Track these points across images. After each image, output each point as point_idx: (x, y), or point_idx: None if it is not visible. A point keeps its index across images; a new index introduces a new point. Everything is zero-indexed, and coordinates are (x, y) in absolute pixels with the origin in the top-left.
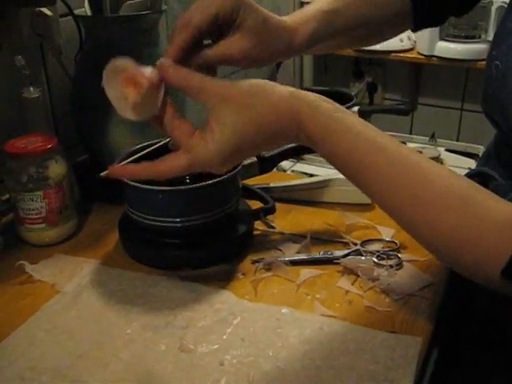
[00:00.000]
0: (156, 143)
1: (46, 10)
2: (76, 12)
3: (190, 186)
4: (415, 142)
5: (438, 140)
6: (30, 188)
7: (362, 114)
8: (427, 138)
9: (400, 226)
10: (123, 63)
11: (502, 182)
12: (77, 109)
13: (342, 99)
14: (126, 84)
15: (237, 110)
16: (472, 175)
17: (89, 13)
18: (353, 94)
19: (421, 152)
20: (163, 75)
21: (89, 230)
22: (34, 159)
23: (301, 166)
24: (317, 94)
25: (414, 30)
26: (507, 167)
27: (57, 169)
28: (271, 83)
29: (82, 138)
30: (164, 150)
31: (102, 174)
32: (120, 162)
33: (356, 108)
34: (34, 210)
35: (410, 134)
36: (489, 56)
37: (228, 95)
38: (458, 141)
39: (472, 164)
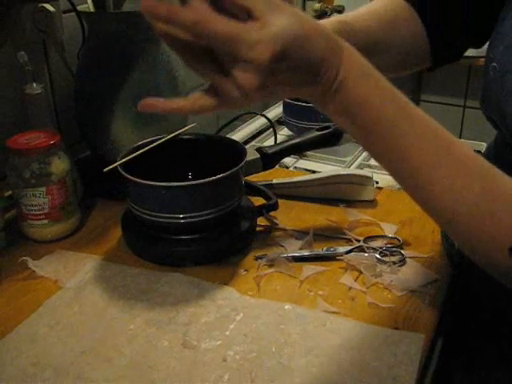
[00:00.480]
0: (159, 139)
1: (48, 6)
2: (79, 8)
3: (193, 182)
4: None
5: None
6: (32, 184)
7: None
8: None
9: (414, 190)
10: None
11: None
12: (79, 105)
13: None
14: None
15: (291, 14)
16: None
17: (92, 9)
18: None
19: None
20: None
21: (91, 226)
22: (37, 155)
23: (303, 163)
24: None
25: (432, 69)
26: (507, 167)
27: (60, 165)
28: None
29: (84, 134)
30: (167, 147)
31: (105, 170)
32: (122, 159)
33: None
34: (36, 206)
35: None
36: (486, 58)
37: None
38: (460, 138)
39: None
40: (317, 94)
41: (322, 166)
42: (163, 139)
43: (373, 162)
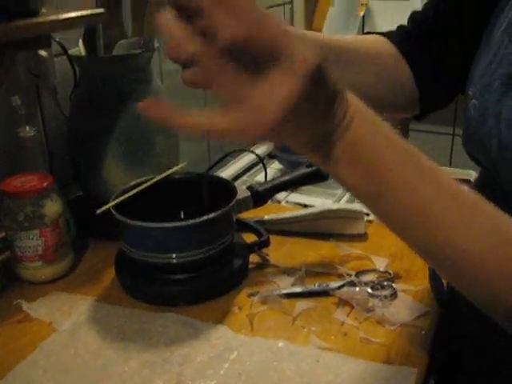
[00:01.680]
0: (151, 179)
1: (41, 51)
2: (70, 52)
3: (185, 223)
4: None
5: None
6: (26, 227)
7: None
8: None
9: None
10: None
11: None
12: (72, 146)
13: None
14: None
15: None
16: None
17: (83, 53)
18: None
19: None
20: None
21: (85, 267)
22: (31, 198)
23: (295, 196)
24: None
25: (420, 117)
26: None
27: (53, 207)
28: None
29: (77, 174)
30: (159, 186)
31: (98, 211)
32: (115, 200)
33: None
34: (30, 248)
35: None
36: (466, 96)
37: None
38: (450, 166)
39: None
40: (324, 134)
41: (313, 200)
42: (155, 179)
43: None
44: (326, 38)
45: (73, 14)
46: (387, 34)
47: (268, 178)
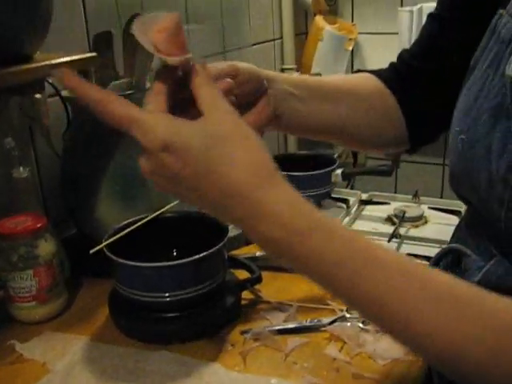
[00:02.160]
0: (144, 218)
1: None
2: (63, 93)
3: (177, 262)
4: (399, 201)
5: (422, 198)
6: (20, 267)
7: (346, 176)
8: (410, 197)
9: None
10: (156, 16)
11: (475, 258)
12: (65, 185)
13: (325, 162)
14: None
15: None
16: (446, 252)
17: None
18: (336, 154)
19: (405, 212)
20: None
21: (79, 306)
22: (24, 239)
23: None
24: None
25: (411, 152)
26: (479, 243)
27: (46, 247)
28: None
29: (71, 213)
30: (152, 225)
31: (91, 251)
32: (108, 240)
33: (339, 170)
34: (24, 288)
35: (395, 192)
36: (453, 133)
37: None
38: (442, 197)
39: (455, 221)
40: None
41: None
42: (147, 218)
43: (356, 226)
44: (314, 79)
45: (66, 59)
46: (377, 72)
47: None
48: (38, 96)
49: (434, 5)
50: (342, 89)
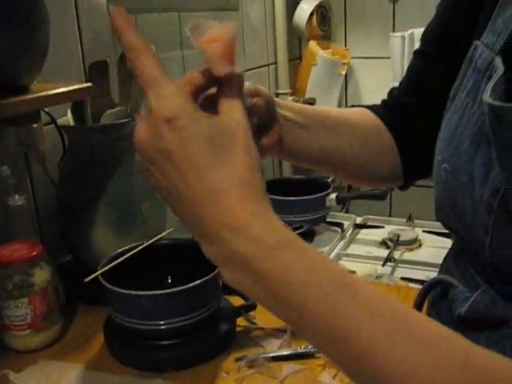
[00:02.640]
0: (139, 245)
1: None
2: (59, 121)
3: (172, 290)
4: (393, 225)
5: (416, 221)
6: (14, 295)
7: (340, 200)
8: (405, 220)
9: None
10: (207, 24)
11: (461, 288)
12: (61, 213)
13: (320, 186)
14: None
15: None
16: (433, 284)
17: (71, 122)
18: (331, 179)
19: (399, 236)
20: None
21: (74, 333)
22: (19, 267)
23: None
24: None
25: (403, 188)
26: (466, 273)
27: (42, 275)
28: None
29: (66, 241)
30: (147, 252)
31: (86, 280)
32: (103, 268)
33: (334, 195)
34: (19, 316)
35: (390, 216)
36: (436, 163)
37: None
38: (436, 219)
39: (449, 244)
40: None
41: None
42: (142, 245)
43: (350, 250)
44: (313, 109)
45: (61, 90)
46: (372, 107)
47: None
48: (34, 125)
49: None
50: (340, 120)
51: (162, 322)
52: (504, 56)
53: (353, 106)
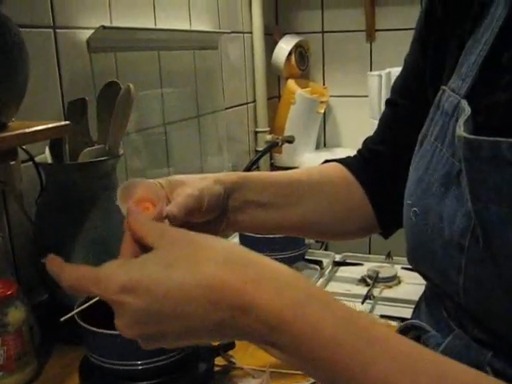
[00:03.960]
0: None
1: None
2: (37, 158)
3: None
4: (372, 261)
5: (395, 258)
6: None
7: None
8: (383, 257)
9: None
10: (135, 183)
11: (433, 334)
12: (37, 251)
13: None
14: (137, 203)
15: (180, 254)
16: (407, 328)
17: (49, 159)
18: None
19: (378, 272)
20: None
21: (49, 375)
22: None
23: None
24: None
25: (384, 236)
26: (439, 318)
27: (16, 314)
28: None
29: (42, 279)
30: None
31: (62, 319)
32: (80, 306)
33: None
34: None
35: (369, 253)
36: (405, 208)
37: (179, 241)
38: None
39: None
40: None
41: None
42: None
43: (329, 288)
44: (279, 182)
45: (39, 128)
46: (345, 161)
47: None
48: (11, 163)
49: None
50: (307, 189)
51: (140, 362)
52: (469, 99)
53: (326, 162)
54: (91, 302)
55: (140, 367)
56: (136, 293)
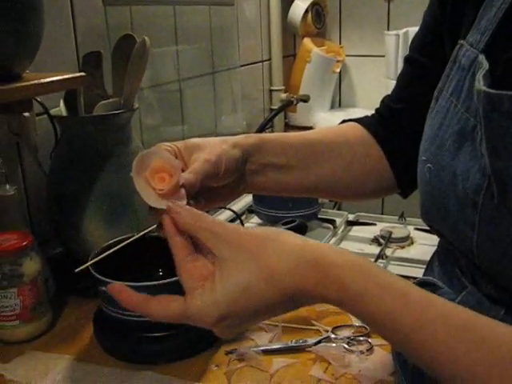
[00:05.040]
0: (130, 237)
1: None
2: (51, 111)
3: (163, 281)
4: (385, 222)
5: (408, 219)
6: (3, 285)
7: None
8: (397, 218)
9: None
10: (150, 154)
11: (446, 290)
12: (52, 204)
13: None
14: (153, 175)
15: (246, 259)
16: (419, 284)
17: (64, 113)
18: None
19: (391, 233)
20: (173, 216)
21: (63, 325)
22: (9, 257)
23: None
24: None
25: (403, 196)
26: (451, 274)
27: (31, 266)
28: (285, 232)
29: (57, 232)
30: (138, 244)
31: (77, 270)
32: (93, 259)
33: None
34: (7, 307)
35: (382, 213)
36: (419, 163)
37: (239, 243)
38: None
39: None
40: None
41: None
42: (134, 237)
43: (342, 247)
44: (298, 143)
45: (55, 78)
46: (362, 120)
47: None
48: (26, 114)
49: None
50: (325, 149)
51: None
52: (487, 53)
53: (344, 121)
54: (105, 254)
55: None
56: (230, 319)
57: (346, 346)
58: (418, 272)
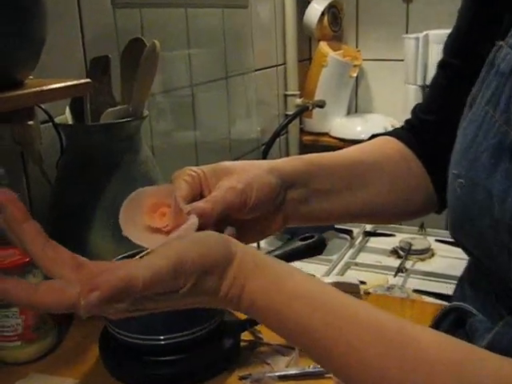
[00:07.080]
0: (139, 253)
1: None
2: (56, 119)
3: None
4: (404, 233)
5: (428, 229)
6: (5, 304)
7: None
8: (416, 228)
9: None
10: (140, 193)
11: (481, 318)
12: (57, 216)
13: None
14: (152, 214)
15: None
16: (449, 311)
17: (69, 120)
18: None
19: (411, 244)
20: None
21: (68, 345)
22: (12, 274)
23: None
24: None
25: (438, 211)
26: (485, 301)
27: (34, 282)
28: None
29: (62, 244)
30: None
31: None
32: None
33: None
34: (9, 327)
35: (401, 224)
36: (450, 176)
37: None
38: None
39: (464, 254)
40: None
41: (307, 267)
42: (142, 253)
43: (360, 259)
44: (335, 157)
45: (57, 85)
46: (396, 134)
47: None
48: (29, 123)
49: (440, 32)
50: (367, 167)
51: (162, 337)
52: None
53: (373, 137)
54: None
55: (162, 342)
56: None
57: None
58: (441, 287)
